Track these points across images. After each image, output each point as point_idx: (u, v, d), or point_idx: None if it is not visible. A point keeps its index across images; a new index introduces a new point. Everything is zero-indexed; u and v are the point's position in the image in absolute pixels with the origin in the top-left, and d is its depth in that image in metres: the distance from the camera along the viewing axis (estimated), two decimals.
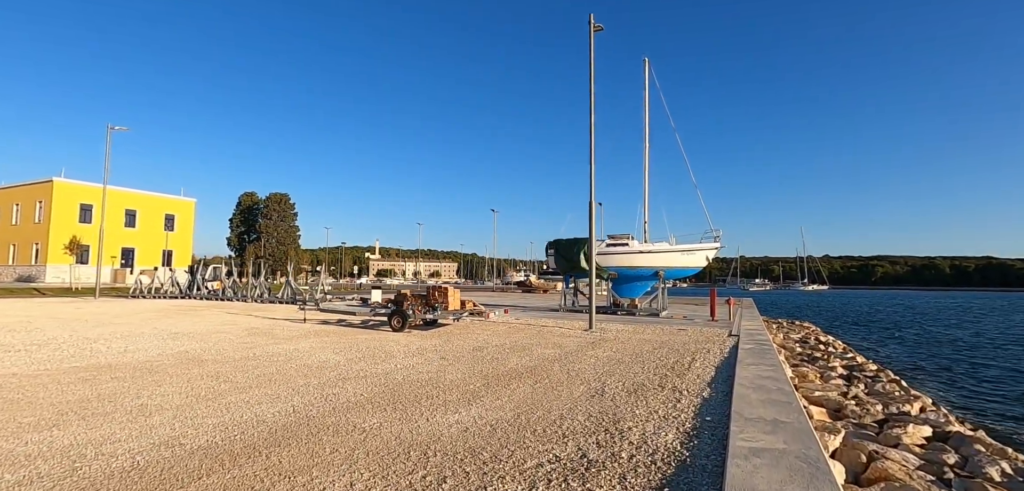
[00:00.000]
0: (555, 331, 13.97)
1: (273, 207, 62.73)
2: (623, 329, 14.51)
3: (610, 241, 21.34)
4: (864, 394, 8.89)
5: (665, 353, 10.09)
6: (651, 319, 18.42)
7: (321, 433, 4.70)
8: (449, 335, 12.78)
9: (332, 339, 11.78)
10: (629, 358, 9.41)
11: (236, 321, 15.72)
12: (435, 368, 8.22)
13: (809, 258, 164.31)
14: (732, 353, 10.12)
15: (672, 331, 14.11)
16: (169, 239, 51.26)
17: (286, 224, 63.99)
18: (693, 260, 20.40)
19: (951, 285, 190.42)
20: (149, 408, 5.54)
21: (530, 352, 9.99)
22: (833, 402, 8.07)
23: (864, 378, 10.45)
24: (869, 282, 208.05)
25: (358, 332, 13.24)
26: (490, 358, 9.23)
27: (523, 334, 13.13)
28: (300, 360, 8.83)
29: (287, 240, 63.52)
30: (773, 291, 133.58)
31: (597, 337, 12.70)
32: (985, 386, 13.54)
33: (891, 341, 24.52)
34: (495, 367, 8.32)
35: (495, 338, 12.19)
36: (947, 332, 28.87)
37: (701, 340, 12.19)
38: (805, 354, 13.87)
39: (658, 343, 11.63)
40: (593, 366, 8.50)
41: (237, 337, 11.87)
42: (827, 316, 41.65)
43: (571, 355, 9.70)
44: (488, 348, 10.49)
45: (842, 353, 14.46)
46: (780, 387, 6.60)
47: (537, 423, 5.12)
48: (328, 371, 7.85)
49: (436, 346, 10.78)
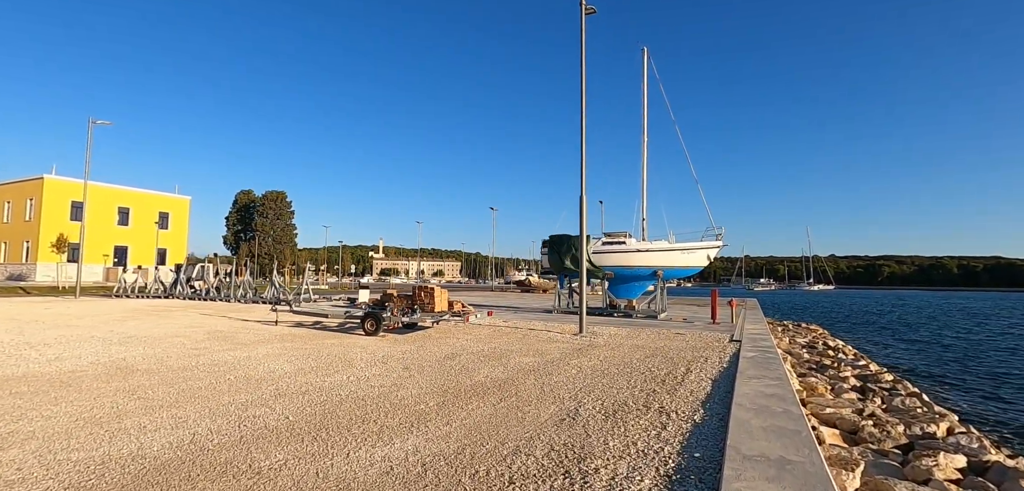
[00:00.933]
0: (541, 336, 12.95)
1: (269, 205, 61.94)
2: (616, 333, 13.48)
3: (606, 239, 20.29)
4: (882, 411, 7.82)
5: (657, 362, 9.05)
6: (648, 322, 17.38)
7: (202, 476, 3.71)
8: (425, 340, 11.79)
9: (295, 344, 10.80)
10: (616, 369, 8.38)
11: (204, 323, 14.78)
12: (392, 381, 7.23)
13: (815, 258, 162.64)
14: (732, 362, 9.09)
15: (669, 336, 13.06)
16: (163, 237, 50.54)
17: (283, 222, 63.19)
18: (693, 259, 19.33)
19: (958, 285, 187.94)
20: (16, 437, 4.57)
21: (506, 361, 8.98)
22: (847, 422, 7.01)
23: (880, 390, 9.38)
24: (875, 282, 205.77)
25: (328, 336, 12.27)
26: (458, 369, 8.22)
27: (506, 339, 12.12)
28: (243, 371, 7.85)
29: (284, 238, 62.73)
30: (778, 291, 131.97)
31: (586, 343, 11.67)
32: (1013, 396, 12.42)
33: (902, 345, 23.34)
34: (460, 380, 7.31)
35: (474, 344, 11.18)
36: (962, 335, 27.65)
37: (699, 346, 11.14)
38: (813, 362, 12.79)
39: (651, 350, 10.60)
40: (572, 379, 7.48)
41: (192, 342, 10.91)
42: (834, 318, 40.43)
43: (551, 365, 8.68)
44: (461, 356, 9.48)
45: (853, 360, 13.39)
46: (787, 409, 5.56)
47: (483, 460, 4.11)
48: (267, 385, 6.86)
49: (405, 353, 9.78)
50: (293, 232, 64.88)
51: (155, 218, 49.54)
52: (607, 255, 19.80)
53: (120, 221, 48.73)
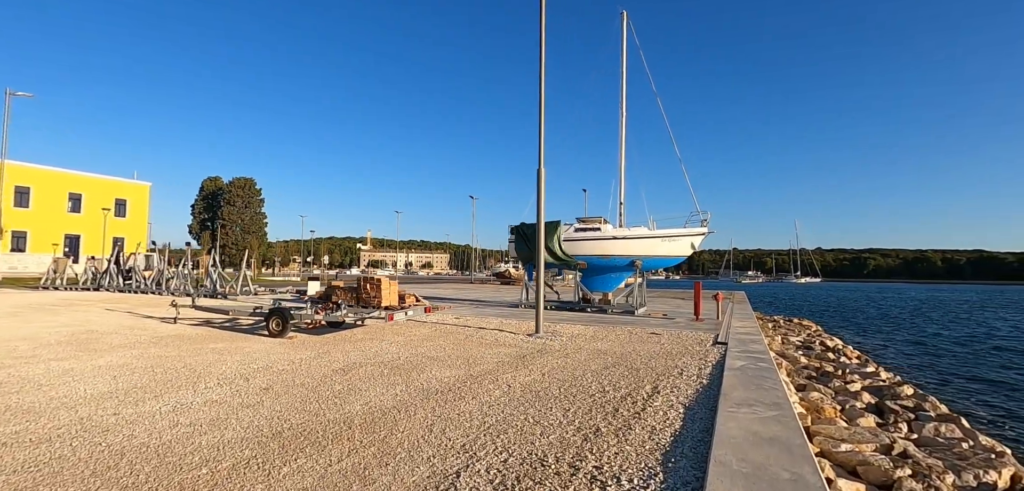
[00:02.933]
0: (489, 337, 10.74)
1: (237, 193, 58.68)
2: (581, 333, 11.31)
3: (579, 225, 18.09)
4: (914, 446, 5.71)
5: (617, 377, 6.87)
6: (623, 318, 15.25)
7: None
8: (336, 344, 9.53)
9: (164, 351, 8.48)
10: (559, 389, 6.18)
11: (89, 321, 12.36)
12: (225, 411, 4.97)
13: (802, 251, 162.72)
14: (715, 375, 6.94)
15: (642, 337, 10.92)
16: (120, 226, 47.49)
17: (252, 211, 60.01)
18: (676, 248, 17.20)
19: (942, 278, 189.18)
20: None
21: (414, 376, 6.74)
22: (876, 470, 4.88)
23: (903, 410, 7.32)
24: (861, 275, 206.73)
25: (221, 339, 9.95)
26: (338, 391, 5.97)
27: (441, 342, 9.89)
28: (37, 395, 5.53)
29: (252, 228, 59.59)
30: (765, 283, 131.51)
31: (538, 347, 9.47)
32: None
33: (904, 342, 21.53)
34: (321, 412, 5.07)
35: (393, 350, 8.93)
36: (961, 331, 25.97)
37: (676, 351, 9.00)
38: (813, 368, 10.74)
39: (616, 357, 8.42)
40: (488, 409, 5.27)
41: (30, 348, 8.53)
42: (825, 311, 38.79)
43: (472, 383, 6.45)
44: (361, 368, 7.23)
45: (858, 365, 11.37)
46: (795, 472, 3.41)
47: None
48: (34, 420, 4.57)
49: (291, 363, 7.51)
50: (263, 221, 61.62)
51: (111, 205, 46.42)
52: (580, 243, 17.62)
53: (72, 208, 45.58)
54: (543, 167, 11.23)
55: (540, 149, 11.20)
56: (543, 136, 11.20)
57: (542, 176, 11.25)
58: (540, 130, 11.22)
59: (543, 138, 11.20)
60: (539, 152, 11.21)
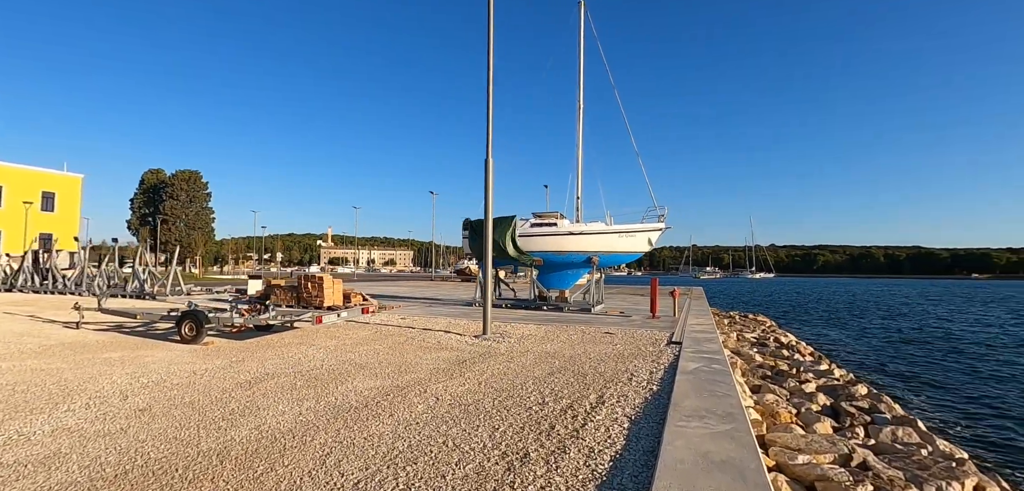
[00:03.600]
0: (432, 339, 9.95)
1: (181, 186, 55.11)
2: (531, 333, 10.67)
3: (535, 220, 17.50)
4: (874, 456, 5.32)
5: (562, 384, 6.24)
6: (579, 317, 14.74)
7: None
8: (261, 349, 8.53)
9: (36, 363, 7.29)
10: (493, 401, 5.48)
11: None
12: (69, 445, 4.03)
13: (757, 247, 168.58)
14: (667, 379, 6.41)
15: (595, 337, 10.37)
16: (47, 221, 43.82)
17: (197, 206, 56.56)
18: (633, 244, 16.87)
19: (884, 273, 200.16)
20: None
21: (337, 387, 5.91)
22: (836, 487, 4.41)
23: (858, 412, 7.02)
24: (811, 270, 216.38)
25: (112, 349, 8.77)
26: (238, 408, 5.08)
27: (379, 345, 9.04)
28: None
29: (198, 223, 56.16)
30: (723, 279, 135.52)
31: (482, 350, 8.76)
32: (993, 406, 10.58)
33: (854, 337, 22.05)
34: (205, 438, 4.19)
35: (321, 356, 8.03)
36: (903, 325, 26.97)
37: (628, 352, 8.46)
38: (768, 367, 10.47)
39: (564, 360, 7.80)
40: (405, 430, 4.51)
41: None
42: (779, 306, 39.81)
43: (399, 394, 5.68)
44: (278, 378, 6.33)
45: (812, 363, 11.22)
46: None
47: None
48: None
49: (192, 375, 6.52)
50: (210, 217, 58.15)
51: (36, 199, 42.75)
52: (536, 239, 17.03)
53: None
54: (491, 157, 10.51)
55: (488, 138, 10.48)
56: (491, 125, 10.48)
57: (490, 167, 10.52)
58: (488, 117, 10.50)
59: (491, 127, 10.48)
60: (487, 141, 10.48)
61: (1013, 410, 9.87)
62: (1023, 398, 10.97)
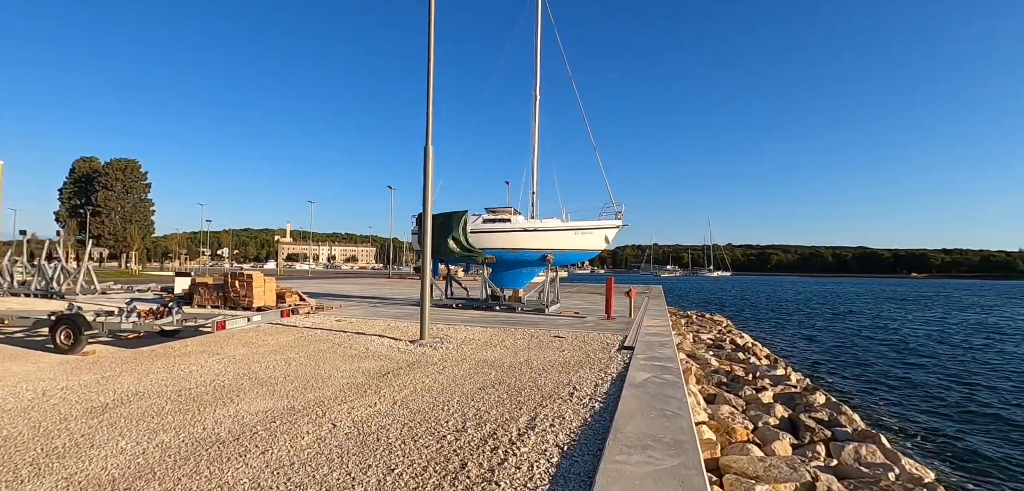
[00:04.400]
0: (360, 345, 8.90)
1: (116, 175, 50.99)
2: (473, 338, 9.77)
3: (488, 216, 16.61)
4: (838, 482, 4.69)
5: (491, 402, 5.36)
6: (533, 317, 13.96)
7: None
8: (149, 360, 7.28)
9: None
10: (401, 429, 4.55)
11: None
12: None
13: (715, 246, 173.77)
14: (612, 394, 5.65)
15: (543, 340, 9.57)
16: None
17: (134, 197, 52.55)
18: (590, 241, 16.23)
19: (833, 272, 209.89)
20: None
21: (215, 412, 4.83)
22: None
23: (818, 425, 6.47)
24: (765, 269, 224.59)
25: None
26: (66, 445, 3.96)
27: (294, 354, 7.93)
28: None
29: (135, 216, 52.18)
30: (682, 277, 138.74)
31: (412, 358, 7.79)
32: (948, 411, 10.42)
33: (804, 335, 22.22)
34: None
35: (221, 367, 6.88)
36: (853, 324, 27.57)
37: (575, 360, 7.68)
38: (723, 372, 9.95)
39: (502, 371, 6.94)
40: (272, 475, 3.52)
41: None
42: (736, 305, 40.40)
43: (288, 420, 4.66)
44: (147, 399, 5.18)
45: (768, 367, 10.80)
46: None
47: None
48: None
49: (39, 395, 5.29)
50: (148, 209, 54.08)
51: None
52: (488, 235, 16.14)
53: None
54: (430, 146, 9.53)
55: (428, 124, 9.49)
56: (431, 108, 9.50)
57: (429, 156, 9.54)
58: (428, 103, 9.51)
59: (431, 111, 9.50)
60: (426, 127, 9.49)
61: (969, 413, 9.71)
62: (981, 397, 10.90)
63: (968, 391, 11.51)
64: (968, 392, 11.42)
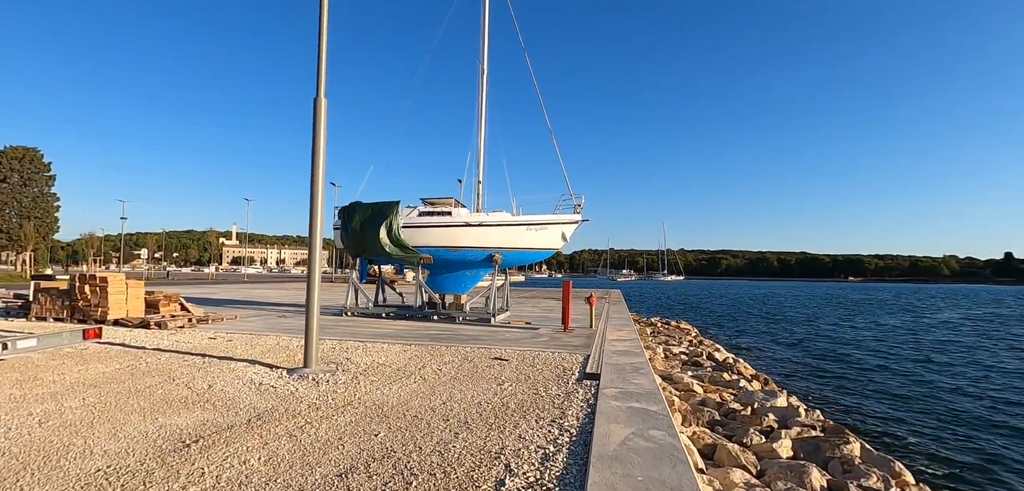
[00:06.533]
0: (215, 376, 6.11)
1: (12, 165, 44.37)
2: (382, 363, 7.15)
3: (424, 208, 13.98)
4: None
5: (379, 480, 2.81)
6: (475, 328, 11.49)
7: None
8: None
9: None
10: None
11: None
12: None
13: (668, 251, 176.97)
14: (570, 480, 3.22)
15: (477, 366, 7.07)
16: None
17: (34, 190, 46.03)
18: (544, 239, 13.88)
19: (778, 276, 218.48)
20: None
21: None
22: None
23: None
24: (716, 273, 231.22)
25: None
26: None
27: (88, 396, 5.07)
28: None
29: (34, 212, 45.65)
30: (638, 281, 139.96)
31: (273, 402, 5.11)
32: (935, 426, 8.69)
33: (781, 345, 20.80)
34: None
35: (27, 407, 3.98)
36: (824, 331, 26.64)
37: (516, 401, 5.23)
38: (712, 403, 7.72)
39: (399, 426, 4.40)
40: None
41: None
42: (696, 310, 39.32)
43: None
44: None
45: (764, 393, 8.66)
46: None
47: None
48: None
49: None
50: (52, 204, 47.37)
51: None
52: (424, 230, 13.50)
53: None
54: (323, 95, 6.85)
55: (320, 63, 6.82)
56: (325, 45, 6.83)
57: (322, 107, 6.85)
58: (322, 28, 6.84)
59: (325, 47, 6.83)
60: (318, 69, 6.81)
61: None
62: None
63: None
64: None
